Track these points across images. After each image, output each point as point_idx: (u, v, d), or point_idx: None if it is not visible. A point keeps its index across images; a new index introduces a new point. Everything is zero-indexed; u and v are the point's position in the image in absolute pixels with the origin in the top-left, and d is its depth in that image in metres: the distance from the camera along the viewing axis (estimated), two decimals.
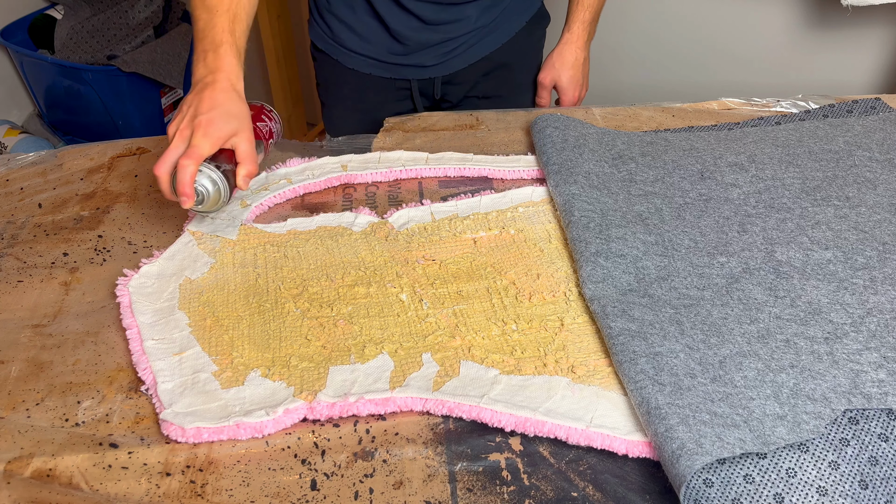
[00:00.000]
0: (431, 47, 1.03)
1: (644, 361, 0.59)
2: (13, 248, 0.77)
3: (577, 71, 1.09)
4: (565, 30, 1.08)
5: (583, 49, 1.08)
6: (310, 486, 0.54)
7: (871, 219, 0.76)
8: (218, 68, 0.74)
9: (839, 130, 0.90)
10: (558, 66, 1.08)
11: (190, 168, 0.68)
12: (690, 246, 0.73)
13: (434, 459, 0.56)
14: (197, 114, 0.70)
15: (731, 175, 0.83)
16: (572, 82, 1.09)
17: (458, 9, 0.99)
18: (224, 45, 0.75)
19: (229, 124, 0.71)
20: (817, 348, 0.61)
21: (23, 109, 2.32)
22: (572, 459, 0.56)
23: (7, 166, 0.90)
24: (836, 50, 1.55)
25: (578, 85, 1.10)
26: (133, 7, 2.04)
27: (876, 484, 0.52)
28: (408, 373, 0.62)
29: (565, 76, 1.09)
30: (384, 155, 0.89)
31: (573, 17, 1.07)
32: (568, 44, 1.07)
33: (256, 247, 0.76)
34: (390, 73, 1.06)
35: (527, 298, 0.69)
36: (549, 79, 1.10)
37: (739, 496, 0.51)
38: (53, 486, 0.54)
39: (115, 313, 0.69)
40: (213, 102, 0.71)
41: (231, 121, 0.71)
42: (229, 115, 0.71)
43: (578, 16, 1.06)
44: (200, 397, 0.60)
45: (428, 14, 0.98)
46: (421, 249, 0.75)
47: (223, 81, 0.73)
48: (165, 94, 2.19)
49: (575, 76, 1.09)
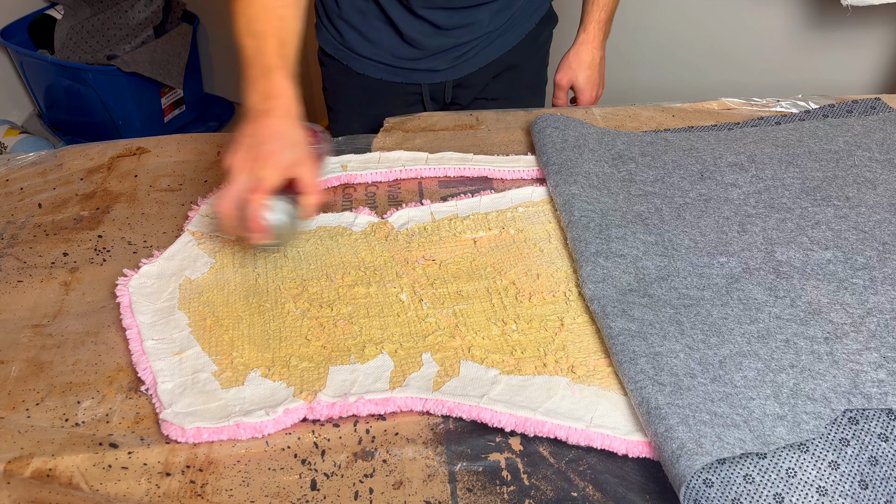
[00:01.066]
0: (443, 52, 1.02)
1: (644, 361, 0.59)
2: (13, 248, 0.77)
3: (593, 71, 1.09)
4: (581, 30, 1.08)
5: (599, 48, 1.08)
6: (310, 486, 0.54)
7: (870, 219, 0.76)
8: (272, 95, 0.70)
9: (839, 130, 0.90)
10: (575, 66, 1.09)
11: (259, 203, 0.66)
12: (690, 246, 0.73)
13: (434, 459, 0.56)
14: (258, 144, 0.67)
15: (731, 175, 0.83)
16: (589, 82, 1.09)
17: (471, 13, 0.99)
18: (275, 70, 0.71)
19: (292, 153, 0.68)
20: (817, 348, 0.61)
21: (23, 109, 2.32)
22: (572, 459, 0.56)
23: (7, 166, 0.90)
24: (836, 50, 1.55)
25: (595, 84, 1.10)
26: (133, 7, 2.03)
27: (876, 484, 0.52)
28: (408, 373, 0.62)
29: (582, 76, 1.09)
30: (384, 155, 0.89)
31: (589, 17, 1.07)
32: (584, 44, 1.08)
33: (256, 247, 0.76)
34: (401, 77, 1.05)
35: (527, 298, 0.69)
36: (566, 79, 1.10)
37: (739, 496, 0.51)
38: (53, 486, 0.54)
39: (115, 313, 0.69)
40: (274, 132, 0.68)
41: (293, 149, 0.68)
42: (291, 144, 0.68)
43: (594, 16, 1.06)
44: (200, 397, 0.60)
45: (440, 19, 0.98)
46: (421, 249, 0.75)
47: (280, 109, 0.70)
48: (165, 94, 2.19)
49: (592, 76, 1.09)
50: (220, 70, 2.48)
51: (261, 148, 0.67)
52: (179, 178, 0.87)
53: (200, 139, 0.94)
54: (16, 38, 2.14)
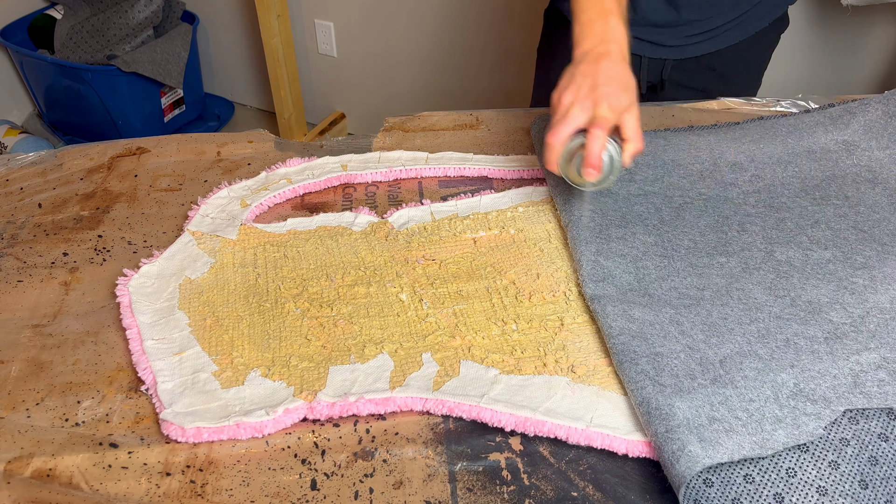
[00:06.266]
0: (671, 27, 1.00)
1: (645, 362, 0.59)
2: (13, 248, 0.77)
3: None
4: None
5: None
6: (310, 485, 0.54)
7: (870, 218, 0.76)
8: (609, 38, 0.71)
9: (839, 129, 0.90)
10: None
11: (602, 140, 0.66)
12: (690, 246, 0.73)
13: (434, 459, 0.56)
14: (597, 84, 0.68)
15: (731, 174, 0.83)
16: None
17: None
18: (613, 14, 0.72)
19: (626, 98, 0.68)
20: (817, 348, 0.61)
21: (23, 109, 2.32)
22: (572, 459, 0.56)
23: (7, 166, 0.90)
24: (836, 50, 1.55)
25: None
26: (133, 7, 2.03)
27: (876, 484, 0.52)
28: (408, 372, 0.62)
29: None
30: (384, 155, 0.89)
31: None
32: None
33: (256, 247, 0.76)
34: None
35: (527, 298, 0.69)
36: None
37: (739, 496, 0.51)
38: (53, 486, 0.54)
39: (115, 313, 0.69)
40: (612, 74, 0.68)
41: (627, 94, 0.69)
42: (625, 89, 0.69)
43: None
44: (200, 397, 0.60)
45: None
46: (421, 249, 0.75)
47: (617, 53, 0.70)
48: (165, 94, 2.19)
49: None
50: (220, 70, 2.49)
51: (600, 88, 0.68)
52: (179, 178, 0.87)
53: (200, 139, 0.94)
54: (16, 37, 2.15)
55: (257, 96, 2.50)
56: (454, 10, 1.97)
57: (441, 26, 2.02)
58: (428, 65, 2.12)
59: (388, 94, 2.25)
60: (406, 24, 2.07)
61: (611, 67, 0.69)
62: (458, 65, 2.07)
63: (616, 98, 0.67)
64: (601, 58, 0.70)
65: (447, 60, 2.08)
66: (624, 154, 0.70)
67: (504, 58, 1.98)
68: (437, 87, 2.15)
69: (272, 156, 0.91)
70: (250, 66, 2.42)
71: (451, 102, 2.12)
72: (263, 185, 0.85)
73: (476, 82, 2.08)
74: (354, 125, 2.39)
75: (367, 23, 2.12)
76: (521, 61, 1.93)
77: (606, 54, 0.70)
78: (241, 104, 2.55)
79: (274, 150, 0.92)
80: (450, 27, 2.01)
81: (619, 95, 0.68)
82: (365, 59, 2.21)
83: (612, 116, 0.67)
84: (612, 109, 0.67)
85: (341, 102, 2.37)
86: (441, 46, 2.06)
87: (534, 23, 1.85)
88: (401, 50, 2.13)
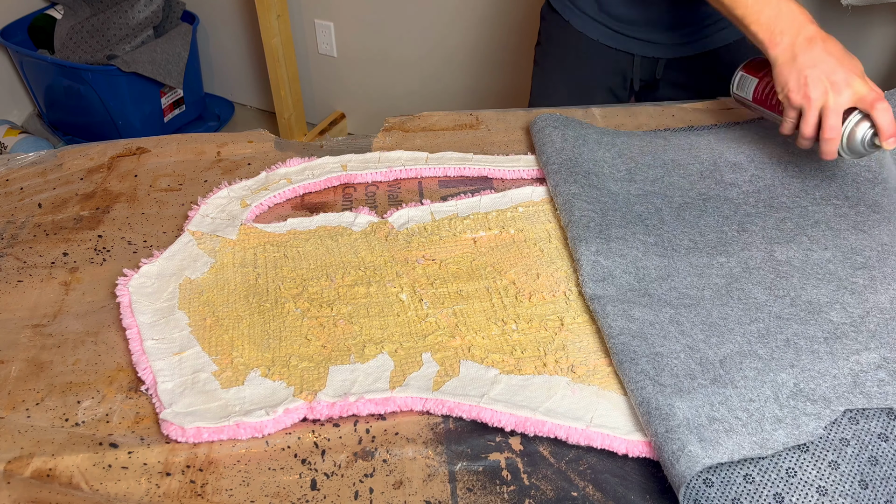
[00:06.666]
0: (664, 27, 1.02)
1: (645, 362, 0.59)
2: (13, 248, 0.77)
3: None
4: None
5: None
6: (310, 485, 0.54)
7: (870, 218, 0.76)
8: (801, 22, 0.73)
9: None
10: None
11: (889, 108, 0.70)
12: (690, 246, 0.73)
13: (434, 459, 0.56)
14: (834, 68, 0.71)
15: (731, 174, 0.83)
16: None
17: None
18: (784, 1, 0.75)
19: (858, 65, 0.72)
20: (817, 348, 0.61)
21: (23, 109, 2.32)
22: (572, 459, 0.56)
23: (7, 166, 0.90)
24: None
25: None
26: (133, 7, 2.03)
27: (876, 484, 0.52)
28: (408, 372, 0.62)
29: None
30: (384, 155, 0.89)
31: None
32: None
33: (256, 247, 0.76)
34: (617, 43, 1.05)
35: (527, 298, 0.69)
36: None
37: (739, 496, 0.51)
38: (53, 486, 0.54)
39: (115, 313, 0.69)
40: (835, 52, 0.72)
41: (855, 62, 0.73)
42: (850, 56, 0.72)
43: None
44: (200, 397, 0.60)
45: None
46: (421, 249, 0.75)
47: (817, 32, 0.73)
48: (165, 94, 2.19)
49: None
50: (220, 70, 2.49)
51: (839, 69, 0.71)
52: (179, 178, 0.87)
53: (200, 139, 0.94)
54: (16, 37, 2.15)
55: (257, 96, 2.50)
56: (454, 10, 1.98)
57: (441, 26, 2.02)
58: (428, 65, 2.12)
59: (388, 94, 2.25)
60: (406, 24, 2.07)
61: (839, 48, 0.72)
62: (458, 65, 2.07)
63: (857, 67, 0.71)
64: (811, 42, 0.72)
65: (447, 60, 2.08)
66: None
67: (504, 58, 1.98)
68: (437, 87, 2.15)
69: (272, 156, 0.91)
70: (250, 66, 2.42)
71: (451, 102, 2.12)
72: (263, 185, 0.85)
73: (476, 82, 2.08)
74: (354, 125, 2.39)
75: (367, 23, 2.12)
76: (521, 61, 1.93)
77: (813, 37, 0.72)
78: (241, 104, 2.56)
79: (274, 150, 0.92)
80: (450, 27, 2.01)
81: (856, 64, 0.71)
82: (365, 59, 2.21)
83: (868, 86, 0.71)
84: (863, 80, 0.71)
85: (341, 102, 2.37)
86: (441, 46, 2.06)
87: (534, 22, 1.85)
88: (401, 50, 2.13)
